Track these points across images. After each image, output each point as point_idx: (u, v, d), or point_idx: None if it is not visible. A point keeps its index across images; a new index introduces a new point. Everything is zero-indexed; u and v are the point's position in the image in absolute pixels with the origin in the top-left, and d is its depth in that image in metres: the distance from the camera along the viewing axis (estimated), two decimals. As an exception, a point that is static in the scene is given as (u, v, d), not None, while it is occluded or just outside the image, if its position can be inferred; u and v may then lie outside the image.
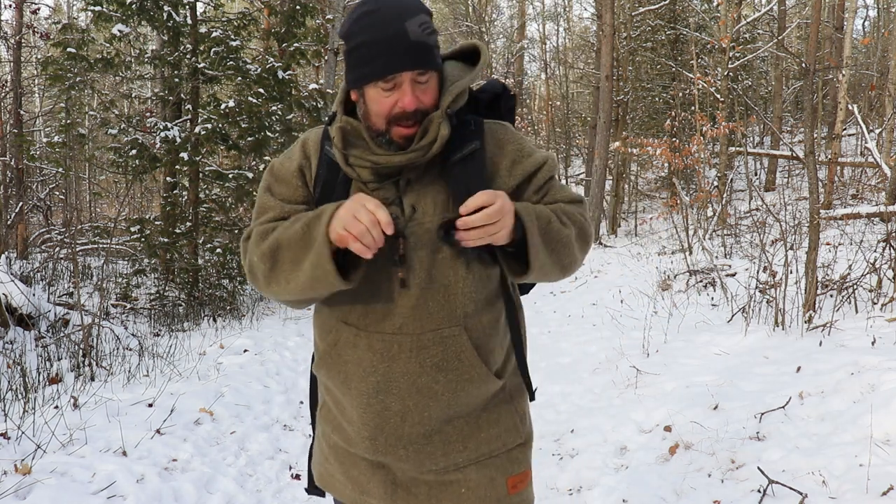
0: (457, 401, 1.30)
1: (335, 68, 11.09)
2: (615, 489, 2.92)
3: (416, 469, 1.33)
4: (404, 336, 1.27)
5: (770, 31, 16.30)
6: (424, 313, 1.27)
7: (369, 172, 1.27)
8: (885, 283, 4.91)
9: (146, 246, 7.18)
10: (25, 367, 4.07)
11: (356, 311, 1.30)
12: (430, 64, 1.23)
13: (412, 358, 1.27)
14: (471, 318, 1.30)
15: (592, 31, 21.59)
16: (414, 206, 1.27)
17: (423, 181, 1.29)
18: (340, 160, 1.28)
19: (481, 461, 1.36)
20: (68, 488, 2.70)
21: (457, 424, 1.33)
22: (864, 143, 8.60)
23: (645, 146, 12.26)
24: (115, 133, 7.62)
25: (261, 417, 4.01)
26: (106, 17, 7.08)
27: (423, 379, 1.28)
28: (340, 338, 1.32)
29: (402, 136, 1.24)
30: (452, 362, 1.28)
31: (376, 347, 1.28)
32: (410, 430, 1.29)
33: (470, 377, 1.30)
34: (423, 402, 1.28)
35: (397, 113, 1.22)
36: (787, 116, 18.80)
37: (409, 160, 1.24)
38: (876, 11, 18.82)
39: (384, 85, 1.22)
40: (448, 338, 1.28)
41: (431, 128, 1.24)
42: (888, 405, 2.90)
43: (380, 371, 1.28)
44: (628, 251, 11.43)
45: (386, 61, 1.19)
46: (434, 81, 1.26)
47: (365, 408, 1.30)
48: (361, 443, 1.33)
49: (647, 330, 5.31)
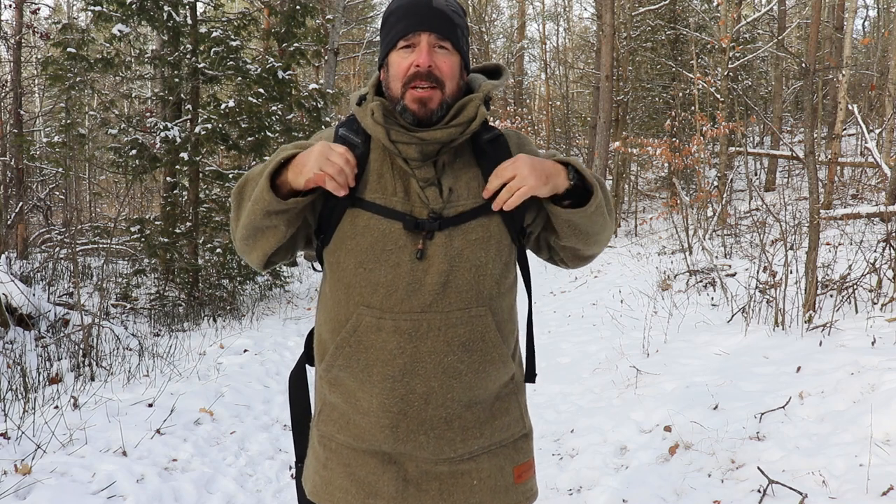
0: (478, 383, 1.33)
1: (335, 68, 11.10)
2: (615, 489, 2.92)
3: (434, 458, 1.34)
4: (434, 314, 1.28)
5: (770, 31, 16.31)
6: (454, 291, 1.29)
7: (415, 150, 1.28)
8: (885, 283, 4.91)
9: (146, 246, 7.18)
10: (25, 367, 4.08)
11: (379, 292, 1.29)
12: (450, 34, 1.29)
13: (440, 336, 1.28)
14: (495, 299, 1.33)
15: (592, 31, 21.61)
16: (451, 188, 1.31)
17: (456, 165, 1.34)
18: (382, 135, 1.29)
19: (493, 450, 1.39)
20: (68, 488, 2.70)
21: (475, 410, 1.35)
22: (864, 143, 8.60)
23: (645, 146, 12.26)
24: (115, 133, 7.62)
25: (261, 417, 4.01)
26: (106, 17, 7.09)
27: (449, 358, 1.29)
28: (361, 323, 1.31)
29: (417, 98, 1.26)
30: (478, 343, 1.31)
31: (403, 328, 1.28)
32: (434, 413, 1.31)
33: (492, 358, 1.33)
34: (447, 382, 1.30)
35: (412, 73, 1.27)
36: (787, 116, 18.80)
37: (450, 135, 1.28)
38: (876, 11, 18.82)
39: (404, 44, 1.28)
40: (475, 317, 1.30)
41: (470, 106, 1.29)
42: (888, 405, 2.90)
43: (407, 352, 1.28)
44: (628, 251, 11.43)
45: (406, 23, 1.28)
46: (455, 59, 1.31)
47: (389, 393, 1.30)
48: (380, 432, 1.32)
49: (647, 330, 5.31)
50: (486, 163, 1.35)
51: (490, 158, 1.35)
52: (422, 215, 1.29)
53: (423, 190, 1.30)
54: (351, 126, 1.37)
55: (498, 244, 1.33)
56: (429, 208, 1.29)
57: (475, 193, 1.33)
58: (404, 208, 1.30)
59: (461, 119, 1.28)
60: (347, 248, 1.32)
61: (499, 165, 1.30)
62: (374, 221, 1.30)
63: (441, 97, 1.28)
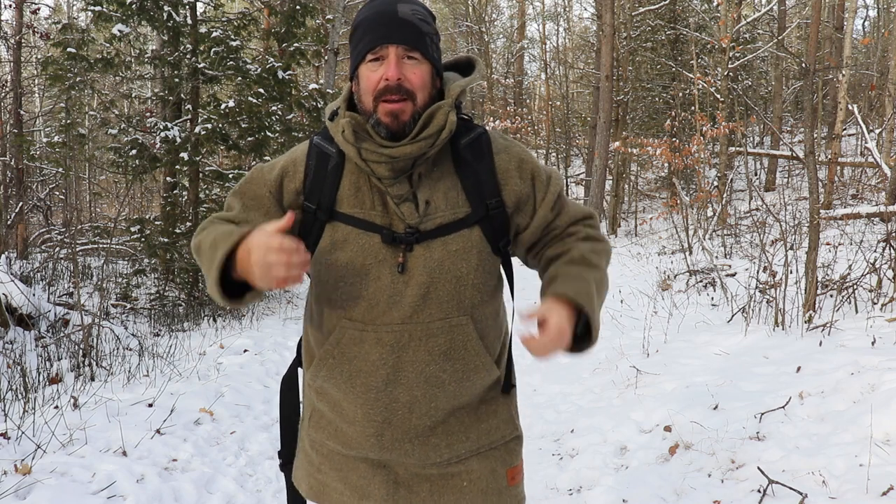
0: (462, 390, 1.33)
1: (335, 68, 11.10)
2: (615, 489, 2.92)
3: (421, 463, 1.34)
4: (414, 325, 1.28)
5: (770, 31, 16.31)
6: (434, 302, 1.28)
7: (386, 168, 1.25)
8: (885, 283, 4.91)
9: (146, 246, 7.17)
10: (25, 367, 4.07)
11: (360, 306, 1.29)
12: (418, 44, 1.26)
13: (421, 346, 1.28)
14: (477, 308, 1.32)
15: (592, 31, 21.61)
16: (427, 200, 1.29)
17: (433, 175, 1.31)
18: (353, 154, 1.27)
19: (482, 452, 1.39)
20: (68, 488, 2.70)
21: (458, 415, 1.35)
22: (864, 143, 8.59)
23: (645, 146, 12.27)
24: (115, 133, 7.62)
25: (261, 417, 4.01)
26: (106, 17, 7.08)
27: (431, 368, 1.29)
28: (344, 336, 1.31)
29: (388, 111, 1.24)
30: (459, 351, 1.31)
31: (385, 340, 1.28)
32: (418, 421, 1.31)
33: (475, 366, 1.33)
34: (430, 391, 1.30)
35: (382, 87, 1.24)
36: (787, 116, 18.80)
37: (420, 149, 1.25)
38: (876, 11, 18.83)
39: (371, 57, 1.26)
40: (456, 326, 1.30)
41: (439, 114, 1.26)
42: (888, 405, 2.90)
43: (389, 363, 1.29)
44: (628, 251, 11.43)
45: (373, 36, 1.25)
46: (425, 68, 1.27)
47: (372, 403, 1.30)
48: (366, 441, 1.33)
49: (647, 330, 5.31)
50: (465, 170, 1.32)
51: (469, 166, 1.32)
52: (399, 229, 1.28)
53: (397, 206, 1.28)
54: (326, 136, 1.36)
55: (479, 253, 1.31)
56: (405, 223, 1.27)
57: (454, 204, 1.30)
58: (383, 221, 1.29)
59: (431, 130, 1.25)
60: (327, 262, 1.31)
61: (554, 317, 1.20)
62: (353, 235, 1.29)
63: (413, 108, 1.25)
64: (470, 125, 1.36)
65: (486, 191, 1.32)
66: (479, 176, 1.32)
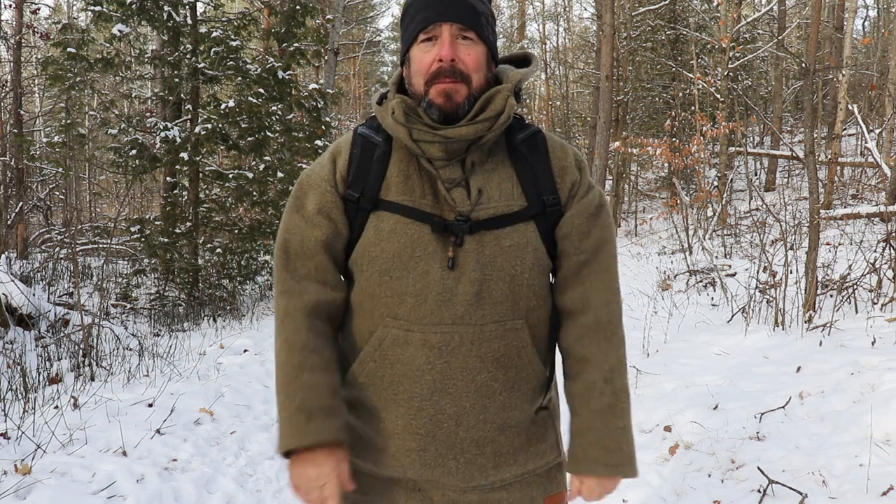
0: (513, 403, 1.22)
1: (335, 68, 11.10)
2: (615, 489, 2.91)
3: (463, 486, 1.24)
4: (466, 327, 1.17)
5: (770, 31, 16.31)
6: (488, 302, 1.18)
7: (439, 149, 1.18)
8: (885, 283, 4.91)
9: (146, 246, 7.18)
10: (25, 367, 4.07)
11: (406, 303, 1.18)
12: (474, 24, 1.19)
13: (472, 351, 1.18)
14: (532, 312, 1.23)
15: (592, 31, 21.61)
16: (480, 189, 1.20)
17: (487, 166, 1.23)
18: (403, 135, 1.19)
19: (526, 479, 1.29)
20: (68, 488, 2.70)
21: (509, 435, 1.24)
22: (864, 143, 8.59)
23: (645, 146, 12.26)
24: (115, 133, 7.62)
25: (261, 417, 4.01)
26: (106, 17, 7.08)
27: (482, 376, 1.19)
28: (387, 336, 1.20)
29: (441, 91, 1.16)
30: (513, 358, 1.21)
31: (433, 342, 1.17)
32: (465, 434, 1.20)
33: (527, 375, 1.23)
34: (480, 401, 1.20)
35: (435, 69, 1.17)
36: (787, 116, 18.80)
37: (477, 131, 1.17)
38: (876, 11, 18.83)
39: (424, 37, 1.18)
40: (510, 331, 1.20)
41: (497, 98, 1.19)
42: (888, 405, 2.90)
43: (437, 368, 1.18)
44: (628, 251, 11.43)
45: (426, 14, 1.18)
46: (480, 50, 1.20)
47: (416, 413, 1.20)
48: (405, 457, 1.22)
49: (647, 330, 5.31)
50: (521, 164, 1.24)
51: (525, 159, 1.24)
52: (450, 218, 1.18)
53: (448, 192, 1.19)
54: (371, 125, 1.29)
55: (535, 252, 1.22)
56: (455, 211, 1.18)
57: (508, 196, 1.21)
58: (434, 210, 1.19)
59: (488, 113, 1.18)
60: (371, 255, 1.21)
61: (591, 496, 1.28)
62: (401, 225, 1.20)
63: (467, 91, 1.18)
64: (524, 123, 1.29)
65: (544, 186, 1.24)
66: (536, 170, 1.24)
